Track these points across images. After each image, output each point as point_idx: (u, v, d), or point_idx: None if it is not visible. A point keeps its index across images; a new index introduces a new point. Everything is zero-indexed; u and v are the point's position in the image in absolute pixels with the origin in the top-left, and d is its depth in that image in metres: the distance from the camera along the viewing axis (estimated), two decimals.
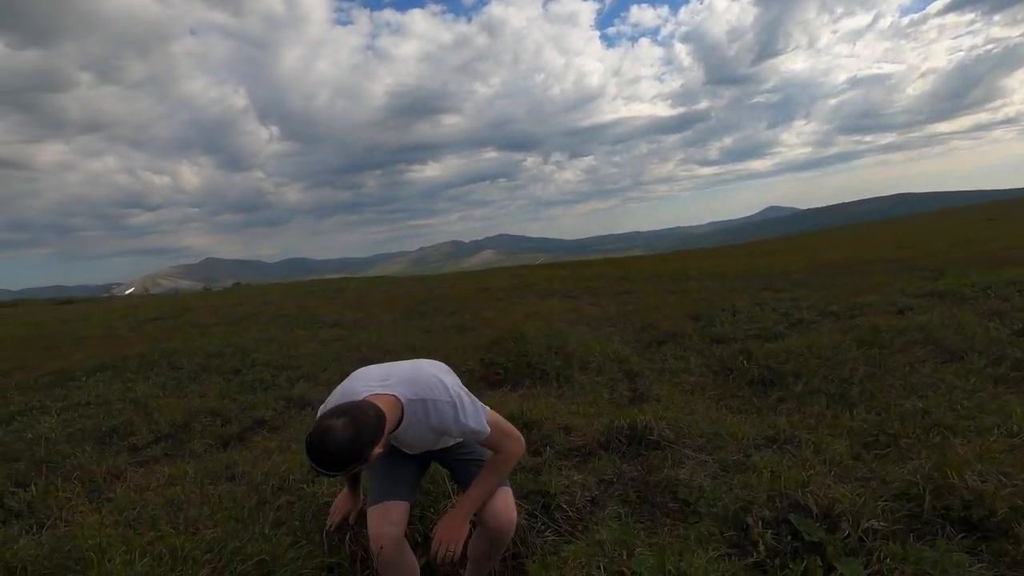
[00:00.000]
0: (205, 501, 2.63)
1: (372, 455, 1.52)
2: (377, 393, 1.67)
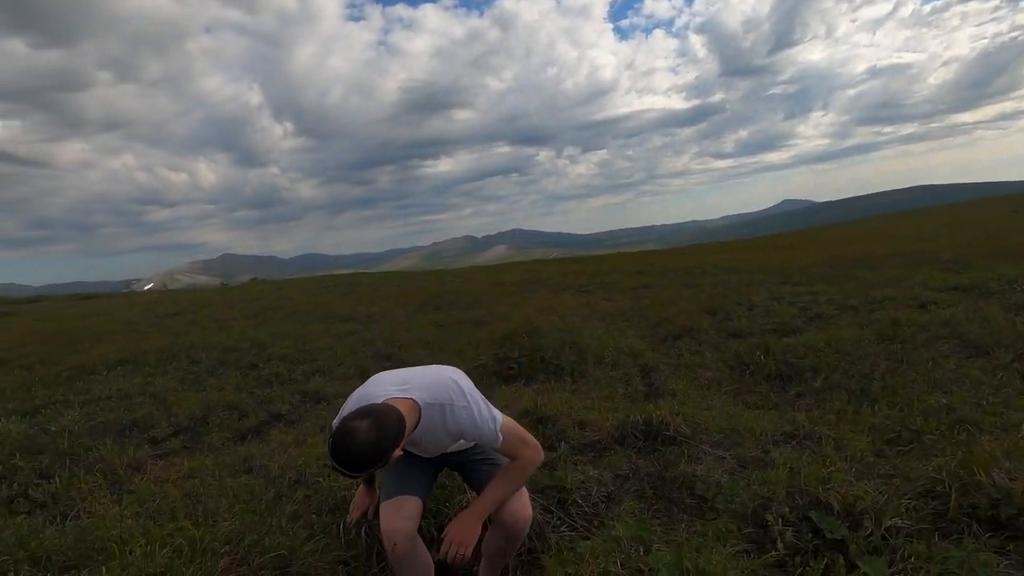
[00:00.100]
0: (223, 494, 2.66)
1: (393, 457, 1.55)
2: (395, 397, 1.69)
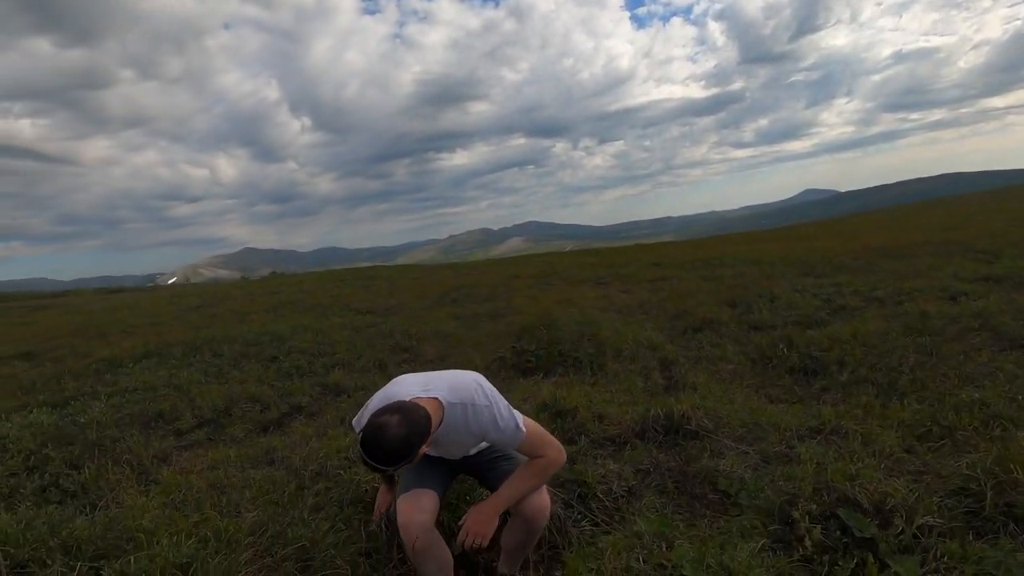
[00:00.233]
0: (246, 485, 2.69)
1: (419, 453, 1.59)
2: (420, 397, 1.72)
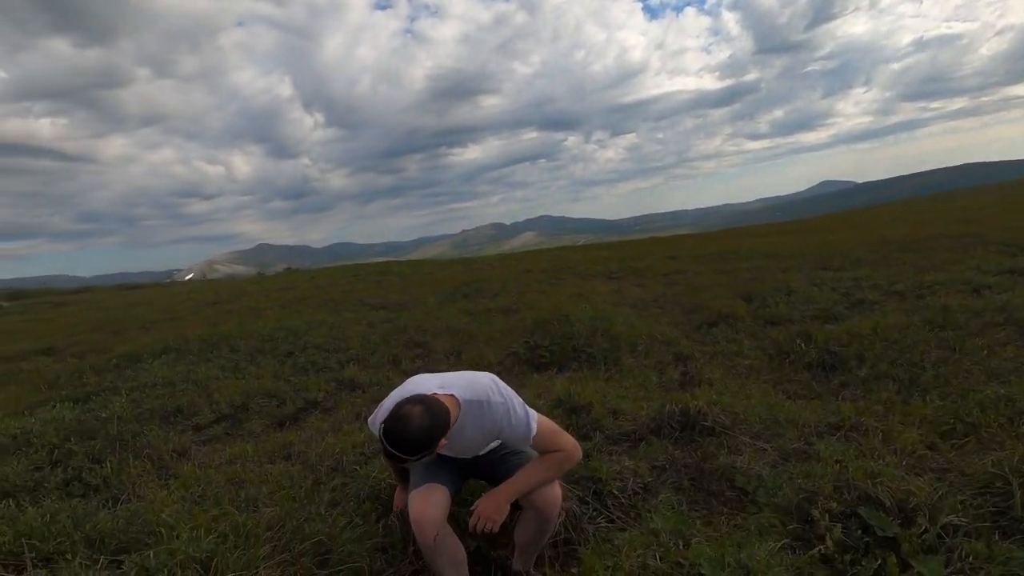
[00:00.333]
0: (264, 480, 2.72)
1: (439, 445, 1.62)
2: (436, 394, 1.75)
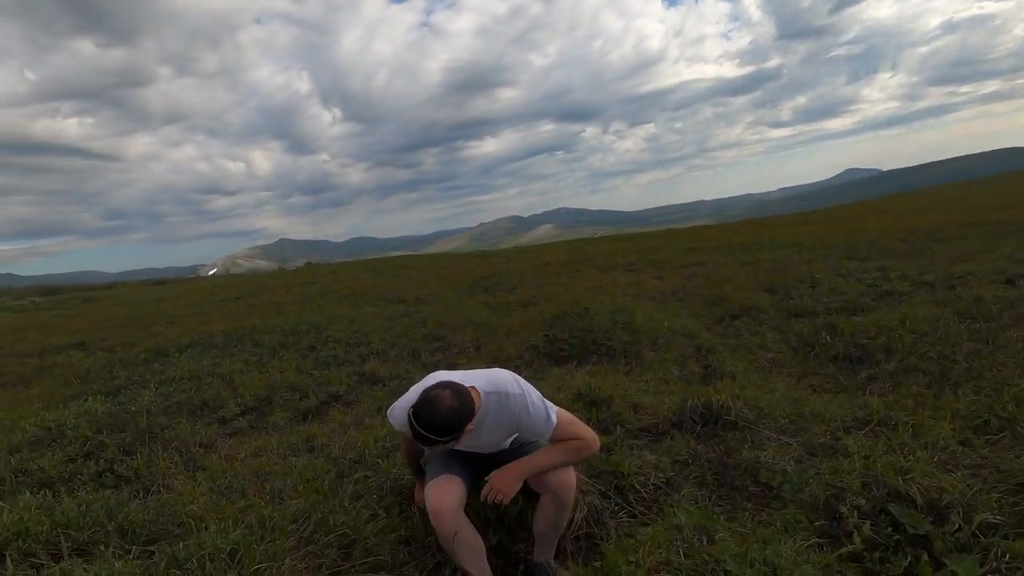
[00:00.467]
0: (288, 473, 2.76)
1: (465, 431, 1.66)
2: None
